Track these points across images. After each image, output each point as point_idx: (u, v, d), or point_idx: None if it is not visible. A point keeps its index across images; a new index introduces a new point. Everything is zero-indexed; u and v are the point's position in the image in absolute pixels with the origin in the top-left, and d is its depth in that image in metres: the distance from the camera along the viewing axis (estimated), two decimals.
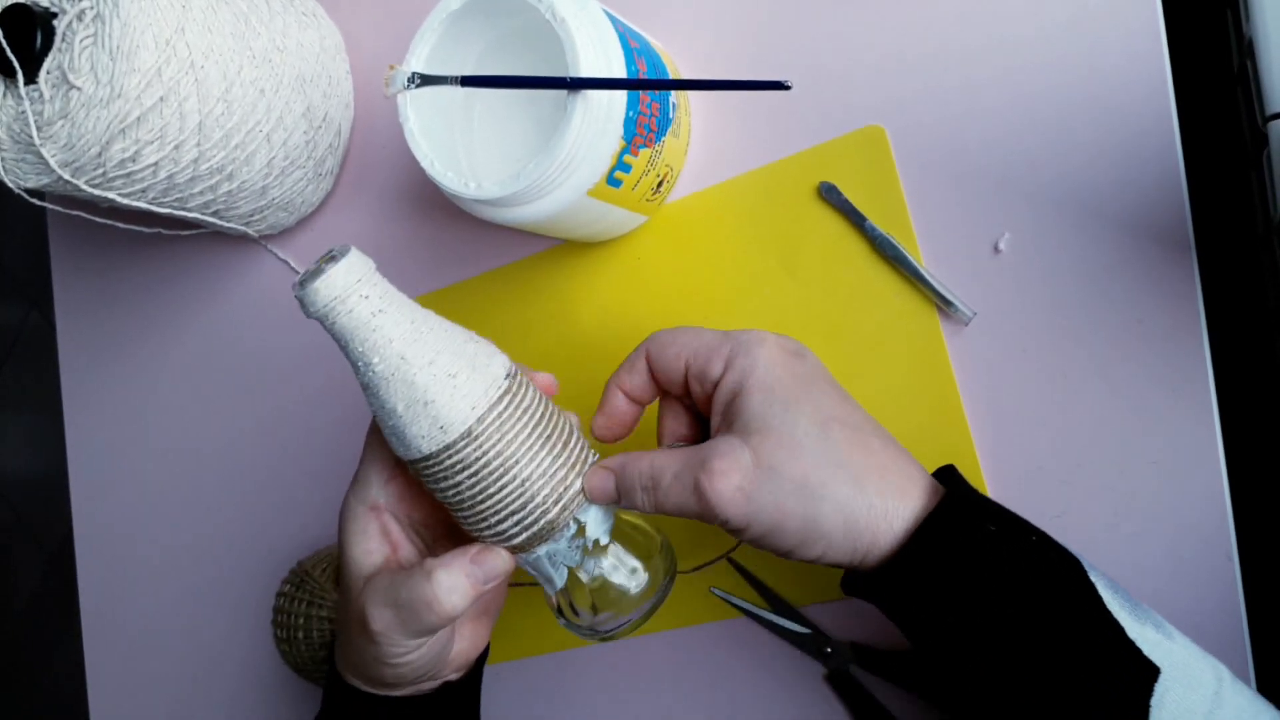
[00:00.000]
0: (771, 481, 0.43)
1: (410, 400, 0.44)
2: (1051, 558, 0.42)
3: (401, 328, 0.44)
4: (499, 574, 0.47)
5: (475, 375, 0.44)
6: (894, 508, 0.43)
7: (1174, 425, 0.52)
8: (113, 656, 0.81)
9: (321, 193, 0.71)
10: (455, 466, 0.44)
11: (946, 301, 0.55)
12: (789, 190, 0.58)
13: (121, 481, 0.81)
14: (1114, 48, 0.53)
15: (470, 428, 0.44)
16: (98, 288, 0.82)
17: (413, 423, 0.44)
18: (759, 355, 0.45)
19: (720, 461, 0.43)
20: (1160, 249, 0.52)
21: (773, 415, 0.44)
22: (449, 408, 0.44)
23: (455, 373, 0.44)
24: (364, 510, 0.50)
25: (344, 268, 0.42)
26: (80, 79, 0.55)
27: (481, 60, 0.56)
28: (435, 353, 0.44)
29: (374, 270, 0.44)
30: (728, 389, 0.46)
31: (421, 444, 0.44)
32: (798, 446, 0.43)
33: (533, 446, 0.45)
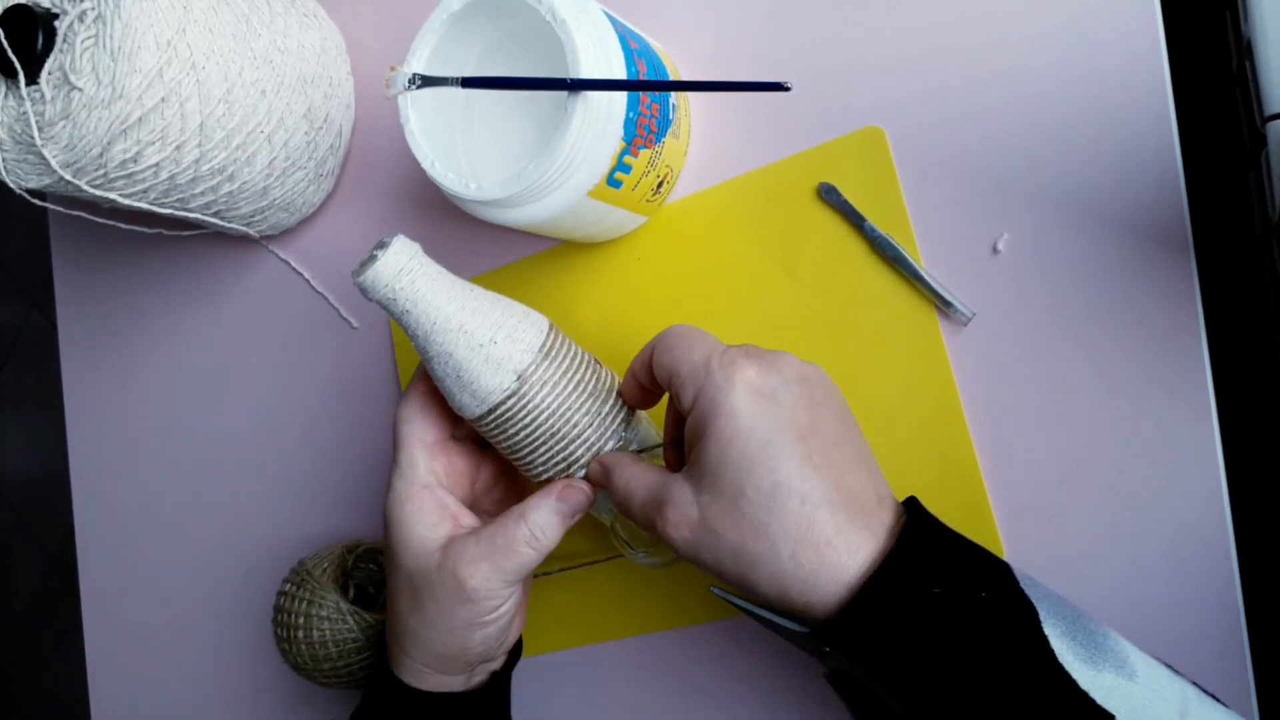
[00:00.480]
0: (711, 540, 0.44)
1: (478, 356, 0.49)
2: (1002, 613, 0.42)
3: (457, 294, 0.50)
4: (583, 505, 0.51)
5: (527, 325, 0.50)
6: (834, 573, 0.43)
7: (1173, 425, 0.52)
8: (114, 656, 0.81)
9: (323, 193, 0.71)
10: (524, 409, 0.50)
11: (946, 302, 0.55)
12: (788, 191, 0.58)
13: (123, 481, 0.81)
14: (1113, 48, 0.53)
15: (528, 370, 0.49)
16: (99, 288, 0.82)
17: (482, 374, 0.49)
18: (725, 403, 0.44)
19: (672, 511, 0.45)
20: (1159, 249, 0.52)
21: (724, 474, 0.44)
22: (511, 356, 0.49)
23: (512, 326, 0.50)
24: (417, 490, 0.52)
25: (397, 248, 0.49)
26: (81, 80, 0.55)
27: (482, 61, 0.56)
28: (488, 312, 0.50)
29: (421, 250, 0.50)
30: (693, 425, 0.46)
31: (491, 395, 0.49)
32: (739, 515, 0.44)
33: (582, 382, 0.51)
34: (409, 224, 0.70)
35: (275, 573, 0.74)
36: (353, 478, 0.72)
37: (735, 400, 0.44)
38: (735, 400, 0.44)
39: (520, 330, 0.50)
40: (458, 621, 0.51)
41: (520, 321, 0.50)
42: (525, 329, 0.50)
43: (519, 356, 0.49)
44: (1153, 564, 0.52)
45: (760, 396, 0.44)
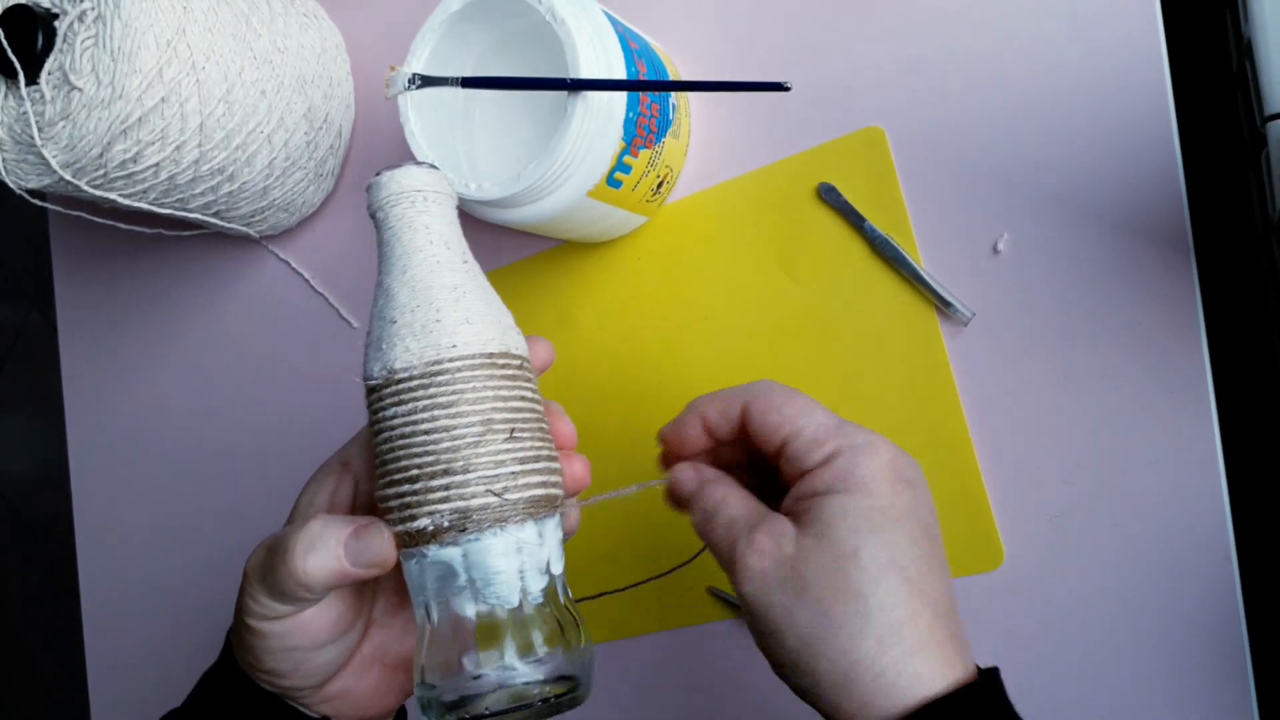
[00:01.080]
0: (795, 584, 0.40)
1: (389, 324, 0.40)
2: None
3: (450, 252, 0.41)
4: (376, 560, 0.39)
5: (492, 328, 0.41)
6: (907, 685, 0.39)
7: (1173, 425, 0.52)
8: (113, 657, 0.81)
9: (322, 193, 0.71)
10: (386, 410, 0.40)
11: (945, 302, 0.55)
12: (788, 191, 0.58)
13: (122, 482, 0.81)
14: (1113, 48, 0.53)
15: (418, 372, 0.39)
16: (99, 288, 0.82)
17: (379, 347, 0.40)
18: (866, 468, 0.41)
19: (764, 538, 0.41)
20: (1159, 249, 0.52)
21: (842, 532, 0.40)
22: (415, 343, 0.40)
23: (442, 317, 0.40)
24: (335, 463, 0.46)
25: (428, 173, 0.41)
26: (81, 80, 0.55)
27: (482, 61, 0.56)
28: (466, 290, 0.41)
29: (454, 202, 0.42)
30: (817, 484, 0.42)
31: (374, 370, 0.41)
32: (841, 574, 0.40)
33: (466, 429, 0.39)
34: None
35: None
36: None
37: (878, 469, 0.41)
38: (878, 469, 0.41)
39: (430, 330, 0.40)
40: (237, 607, 0.43)
41: (442, 324, 0.40)
42: (437, 333, 0.40)
43: (400, 355, 0.40)
44: (1153, 564, 0.52)
45: (900, 480, 0.42)
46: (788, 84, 0.45)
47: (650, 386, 0.62)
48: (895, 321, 0.56)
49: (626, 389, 0.63)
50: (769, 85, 0.45)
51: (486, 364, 0.40)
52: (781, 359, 0.59)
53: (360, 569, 0.40)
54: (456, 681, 0.39)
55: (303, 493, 0.46)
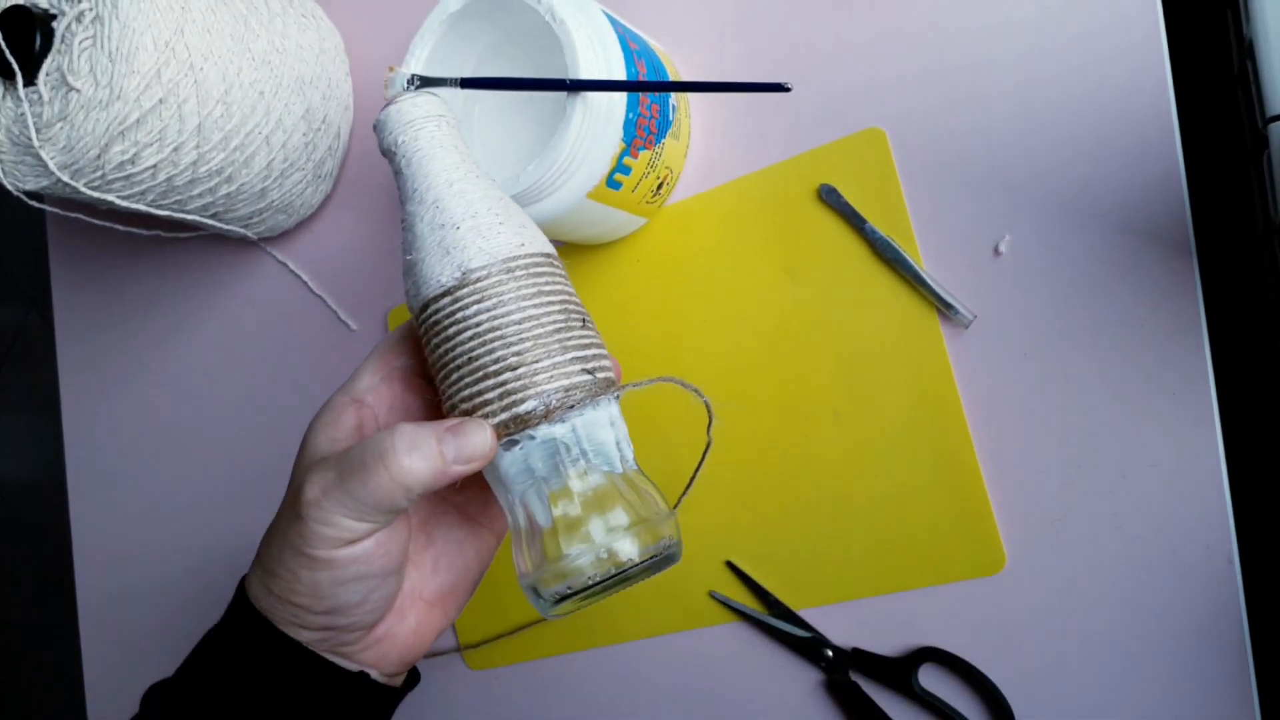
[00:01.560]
0: None
1: (433, 237, 0.41)
2: None
3: (455, 169, 0.42)
4: (476, 453, 0.39)
5: (510, 232, 0.42)
6: None
7: (1175, 427, 0.52)
8: (111, 660, 0.81)
9: (321, 195, 0.71)
10: (466, 309, 0.41)
11: (947, 305, 0.54)
12: (789, 193, 0.58)
13: (119, 483, 0.80)
14: (1114, 49, 0.53)
15: (478, 272, 0.41)
16: (97, 290, 0.82)
17: (429, 259, 0.41)
18: None
19: None
20: (1161, 251, 0.52)
21: None
22: (466, 249, 0.41)
23: (490, 223, 0.41)
24: (344, 400, 0.45)
25: (420, 101, 0.43)
26: (79, 81, 0.55)
27: (481, 61, 0.56)
28: (475, 199, 0.42)
29: (448, 119, 0.43)
30: None
31: (426, 287, 0.41)
32: None
33: (550, 317, 0.41)
34: None
35: None
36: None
37: None
38: None
39: (497, 232, 0.41)
40: (288, 545, 0.41)
41: (505, 225, 0.42)
42: (505, 233, 0.41)
43: (475, 255, 0.41)
44: (1155, 566, 0.52)
45: None
46: (788, 85, 0.45)
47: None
48: (896, 323, 0.56)
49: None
50: (769, 86, 0.45)
51: (547, 261, 0.42)
52: (782, 360, 0.58)
53: (460, 465, 0.39)
54: (561, 565, 0.40)
55: (313, 432, 0.44)
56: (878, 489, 0.57)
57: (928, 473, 0.56)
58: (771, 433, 0.59)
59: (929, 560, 0.56)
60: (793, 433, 0.58)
